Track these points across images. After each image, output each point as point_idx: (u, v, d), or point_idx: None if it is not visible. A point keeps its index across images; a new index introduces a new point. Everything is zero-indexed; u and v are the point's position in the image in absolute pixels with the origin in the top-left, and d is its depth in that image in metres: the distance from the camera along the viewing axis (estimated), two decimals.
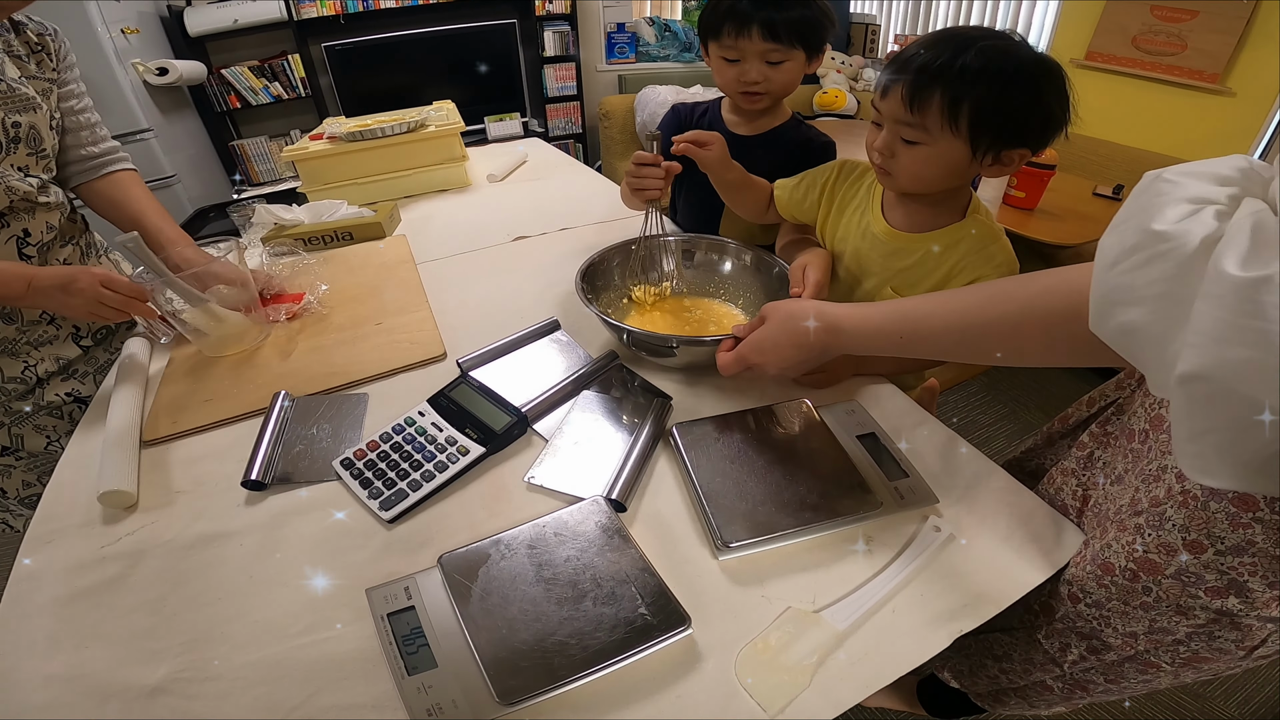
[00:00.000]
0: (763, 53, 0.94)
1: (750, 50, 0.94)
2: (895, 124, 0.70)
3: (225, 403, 0.80)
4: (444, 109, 1.68)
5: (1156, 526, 0.50)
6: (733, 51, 0.96)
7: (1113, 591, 0.54)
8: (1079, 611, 0.58)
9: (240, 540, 0.62)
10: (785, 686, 0.48)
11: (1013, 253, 0.75)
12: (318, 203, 1.33)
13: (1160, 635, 0.54)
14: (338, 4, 2.89)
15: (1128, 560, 0.52)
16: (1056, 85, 0.64)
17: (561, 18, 3.36)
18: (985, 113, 0.64)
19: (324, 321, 0.96)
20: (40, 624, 0.55)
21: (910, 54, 0.68)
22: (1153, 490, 0.51)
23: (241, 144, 3.00)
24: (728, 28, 0.94)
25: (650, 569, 0.53)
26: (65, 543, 0.63)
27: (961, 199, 0.78)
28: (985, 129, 0.65)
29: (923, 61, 0.66)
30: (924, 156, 0.70)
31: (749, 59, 0.95)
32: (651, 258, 0.95)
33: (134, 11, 2.32)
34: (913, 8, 3.41)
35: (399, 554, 0.59)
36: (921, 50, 0.67)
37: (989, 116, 0.64)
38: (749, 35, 0.92)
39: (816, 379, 0.78)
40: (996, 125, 0.65)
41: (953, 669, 0.78)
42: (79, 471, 0.72)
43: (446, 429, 0.69)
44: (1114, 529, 0.55)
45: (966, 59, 0.63)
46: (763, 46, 0.93)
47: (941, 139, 0.67)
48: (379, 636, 0.51)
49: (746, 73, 0.97)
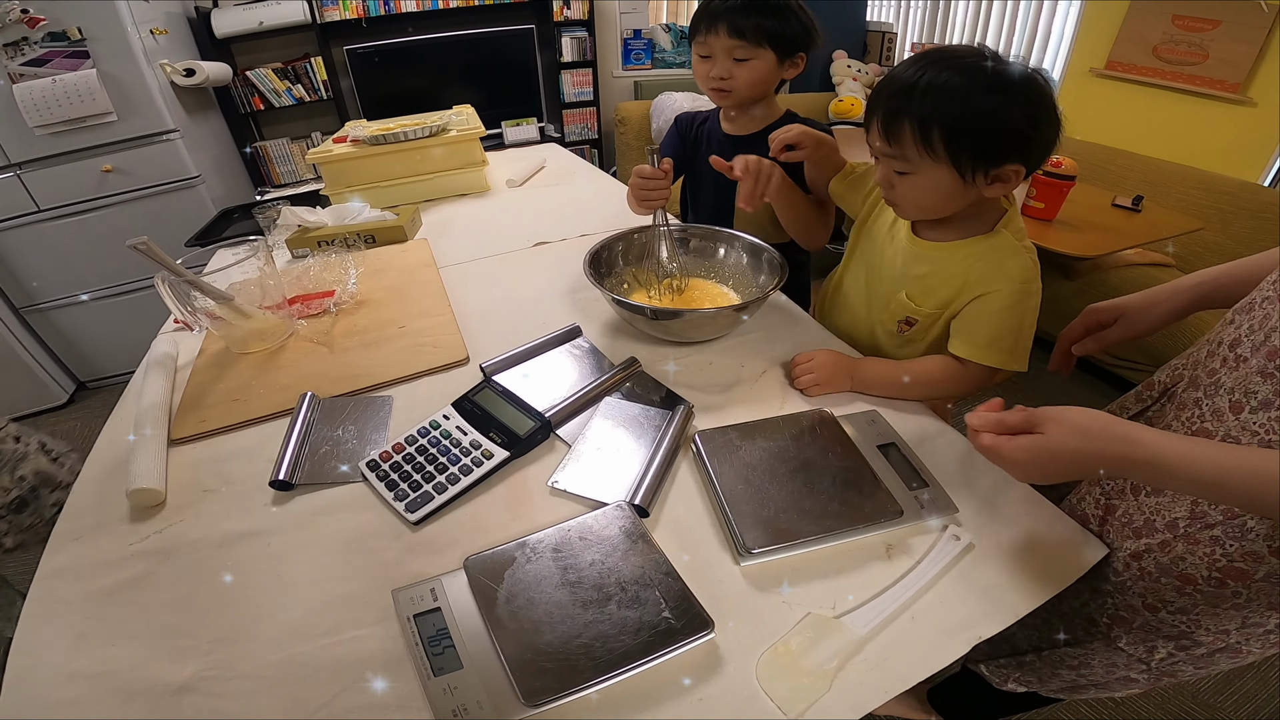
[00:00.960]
0: (730, 49, 0.98)
1: (718, 46, 0.99)
2: (883, 157, 0.71)
3: (252, 403, 0.81)
4: (464, 113, 1.70)
5: (1238, 538, 0.52)
6: (704, 48, 1.01)
7: (1198, 599, 0.56)
8: (1161, 619, 0.60)
9: (267, 540, 0.63)
10: (806, 690, 0.48)
11: (1033, 270, 0.73)
12: (341, 205, 1.36)
13: (1253, 628, 0.56)
14: (360, 7, 2.93)
15: (1210, 570, 0.54)
16: (1028, 96, 0.63)
17: (579, 24, 3.38)
18: (955, 133, 0.64)
19: (349, 324, 0.98)
20: (67, 620, 0.56)
21: (881, 86, 0.69)
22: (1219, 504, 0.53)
23: (264, 145, 3.05)
24: (702, 26, 0.99)
25: (674, 573, 0.53)
26: (93, 539, 0.64)
27: (991, 214, 0.76)
28: (962, 149, 0.65)
29: (890, 90, 0.66)
30: (916, 185, 0.70)
31: (717, 55, 1.00)
32: (655, 248, 0.99)
33: (162, 12, 2.36)
34: (929, 15, 3.41)
35: (424, 556, 0.60)
36: (891, 80, 0.67)
37: (960, 136, 0.64)
38: (716, 32, 0.97)
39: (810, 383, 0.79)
40: (971, 144, 0.64)
41: (1019, 680, 0.78)
42: (107, 469, 0.74)
43: (471, 432, 0.70)
44: (1181, 543, 0.56)
45: (924, 80, 0.63)
46: (729, 43, 0.97)
47: (923, 165, 0.67)
48: (404, 637, 0.52)
49: (714, 68, 1.01)
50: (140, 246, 0.79)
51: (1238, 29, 2.20)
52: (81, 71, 1.96)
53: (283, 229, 1.31)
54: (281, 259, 1.26)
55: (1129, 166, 2.43)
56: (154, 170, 2.20)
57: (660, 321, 0.87)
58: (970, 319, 0.77)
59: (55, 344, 2.40)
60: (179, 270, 0.83)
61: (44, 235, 2.16)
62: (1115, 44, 2.56)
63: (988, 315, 0.75)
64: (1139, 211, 1.92)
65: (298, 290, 1.03)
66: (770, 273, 0.92)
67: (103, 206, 2.18)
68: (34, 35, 1.89)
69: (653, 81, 3.60)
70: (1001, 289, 0.73)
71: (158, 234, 0.81)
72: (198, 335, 0.97)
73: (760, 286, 0.94)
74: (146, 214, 2.24)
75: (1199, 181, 2.25)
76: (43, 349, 2.38)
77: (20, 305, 2.27)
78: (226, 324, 0.89)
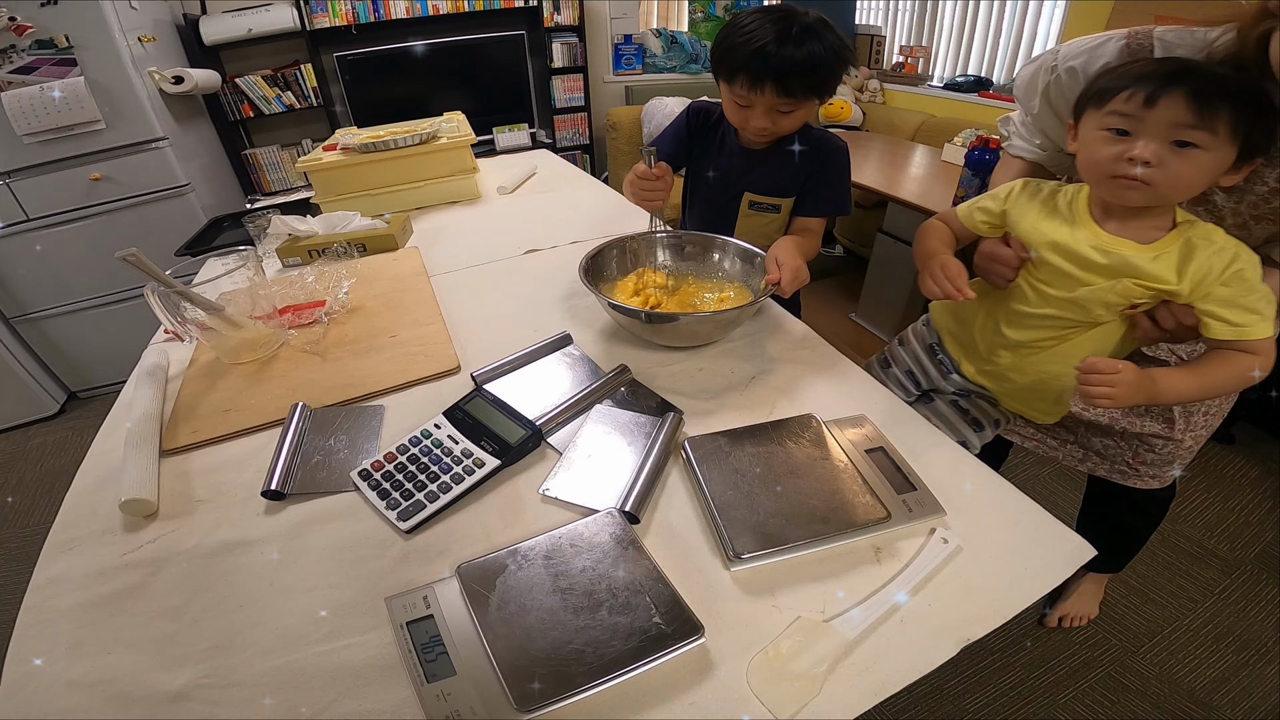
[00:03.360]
0: (774, 104, 0.94)
1: (761, 103, 0.94)
2: (1174, 128, 0.65)
3: (244, 413, 0.81)
4: (454, 120, 1.71)
5: None
6: (744, 99, 0.96)
7: None
8: None
9: (260, 549, 0.63)
10: (796, 694, 0.49)
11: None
12: (331, 214, 1.36)
13: None
14: (350, 14, 2.93)
15: None
16: None
17: (570, 29, 3.39)
18: (1256, 123, 0.64)
19: (340, 333, 0.98)
20: (63, 629, 0.56)
21: (1160, 65, 0.67)
22: None
23: (254, 153, 3.04)
24: (741, 78, 0.93)
25: (664, 579, 0.54)
26: (86, 549, 0.64)
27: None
28: (1254, 139, 0.64)
29: (1199, 69, 0.65)
30: (1200, 164, 0.66)
31: (758, 107, 0.95)
32: (648, 252, 1.01)
33: (150, 20, 2.36)
34: (917, 17, 3.44)
35: (417, 564, 0.60)
36: (1164, 62, 0.67)
37: (1257, 127, 0.64)
38: (761, 90, 0.92)
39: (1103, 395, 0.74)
40: (1259, 136, 0.64)
41: None
42: (98, 479, 0.74)
43: (463, 441, 0.71)
44: None
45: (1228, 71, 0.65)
46: (775, 100, 0.93)
47: (1220, 146, 0.64)
48: (398, 644, 0.52)
49: (754, 118, 0.97)
50: (129, 258, 0.79)
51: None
52: (69, 79, 1.95)
53: (273, 238, 1.31)
54: (272, 268, 1.26)
55: None
56: (143, 178, 2.20)
57: (655, 325, 0.88)
58: (1238, 299, 0.71)
59: (46, 354, 2.39)
60: (169, 281, 0.83)
61: (34, 244, 2.16)
62: None
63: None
64: None
65: (289, 300, 1.03)
66: (762, 277, 0.92)
67: (92, 215, 2.18)
68: (21, 43, 1.89)
69: (644, 86, 3.62)
70: (1245, 256, 0.70)
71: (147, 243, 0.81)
72: (188, 346, 0.97)
73: (754, 290, 0.94)
74: (136, 222, 2.24)
75: None
76: (33, 359, 2.37)
77: (10, 315, 2.27)
78: (217, 334, 0.89)
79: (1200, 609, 1.52)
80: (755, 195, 1.11)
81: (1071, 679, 1.37)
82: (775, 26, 0.89)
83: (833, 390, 0.82)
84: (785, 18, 0.90)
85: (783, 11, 0.91)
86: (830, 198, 1.09)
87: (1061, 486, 1.87)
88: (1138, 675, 1.38)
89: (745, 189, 1.11)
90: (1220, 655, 1.41)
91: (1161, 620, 1.49)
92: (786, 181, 1.09)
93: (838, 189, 1.10)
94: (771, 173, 1.08)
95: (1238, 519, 1.76)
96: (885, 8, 3.65)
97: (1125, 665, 1.39)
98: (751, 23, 0.91)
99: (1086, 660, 1.41)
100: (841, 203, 1.11)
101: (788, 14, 0.91)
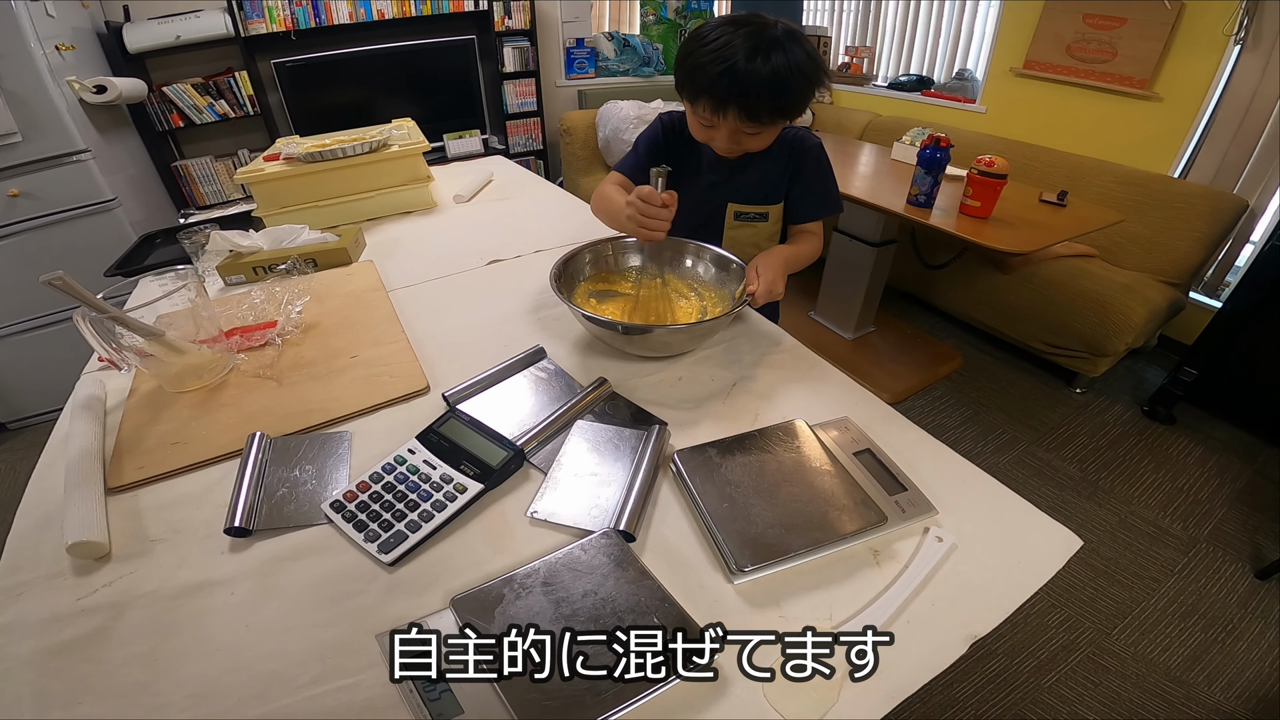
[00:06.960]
0: (739, 127, 0.91)
1: (725, 125, 0.91)
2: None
3: (196, 445, 0.76)
4: (405, 127, 1.65)
5: None
6: (708, 121, 0.93)
7: None
8: None
9: (230, 589, 0.58)
10: (815, 704, 0.48)
11: None
12: (277, 228, 1.28)
13: None
14: (289, 19, 2.81)
15: None
16: None
17: (521, 33, 3.35)
18: None
19: (295, 355, 0.92)
20: (25, 679, 0.51)
21: None
22: None
23: (185, 164, 2.89)
24: (705, 101, 0.90)
25: (669, 598, 0.52)
26: (36, 595, 0.59)
27: None
28: None
29: None
30: None
31: (722, 129, 0.92)
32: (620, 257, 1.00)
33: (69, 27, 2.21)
34: (861, 18, 3.52)
35: (404, 597, 0.57)
36: None
37: None
38: (725, 114, 0.89)
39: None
40: None
41: None
42: (40, 520, 0.67)
43: (441, 466, 0.67)
44: None
45: None
46: (740, 124, 0.90)
47: None
48: (398, 684, 0.49)
49: (719, 139, 0.95)
50: (55, 282, 0.72)
51: (1143, 26, 2.32)
52: None
53: (213, 254, 1.24)
54: (214, 287, 1.18)
55: (1052, 163, 2.56)
56: (65, 193, 2.06)
57: (631, 337, 0.86)
58: None
59: None
60: (101, 306, 0.76)
61: None
62: (1032, 43, 2.68)
63: None
64: (1064, 206, 2.02)
65: (236, 321, 0.97)
66: (738, 283, 0.92)
67: (11, 234, 2.03)
68: None
69: (597, 90, 3.60)
70: None
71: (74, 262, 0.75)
72: (127, 374, 0.90)
73: (730, 296, 0.93)
74: (60, 240, 2.09)
75: (1116, 175, 2.39)
76: None
77: None
78: (158, 361, 0.83)
79: (1164, 588, 1.59)
80: (739, 205, 1.08)
81: (1053, 663, 1.41)
82: (744, 44, 0.84)
83: (812, 394, 0.82)
84: (753, 34, 0.84)
85: (751, 27, 0.85)
86: (819, 198, 1.07)
87: (1022, 473, 1.94)
88: (1115, 656, 1.43)
89: (728, 199, 1.08)
90: (1189, 633, 1.47)
91: (1129, 601, 1.55)
92: (769, 187, 1.07)
93: (824, 186, 1.08)
94: (752, 180, 1.06)
95: (1188, 498, 1.85)
96: (831, 9, 3.72)
97: (1102, 647, 1.44)
98: (717, 38, 0.86)
99: (1064, 644, 1.45)
100: (831, 200, 1.09)
101: (755, 29, 0.85)
